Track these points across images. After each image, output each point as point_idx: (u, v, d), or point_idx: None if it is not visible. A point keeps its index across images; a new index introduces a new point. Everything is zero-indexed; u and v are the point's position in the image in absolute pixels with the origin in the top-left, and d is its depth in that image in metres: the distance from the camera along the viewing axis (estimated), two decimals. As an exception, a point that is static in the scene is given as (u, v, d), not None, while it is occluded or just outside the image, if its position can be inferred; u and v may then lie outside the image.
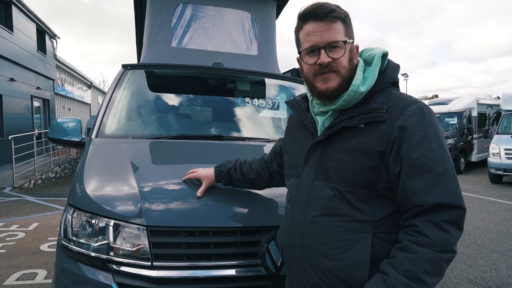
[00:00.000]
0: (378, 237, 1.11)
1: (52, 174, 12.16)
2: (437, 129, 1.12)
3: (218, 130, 2.66)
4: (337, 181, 1.15)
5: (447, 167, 1.07)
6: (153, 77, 2.95)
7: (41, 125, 17.45)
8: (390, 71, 1.22)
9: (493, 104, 15.91)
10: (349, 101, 1.16)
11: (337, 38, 1.14)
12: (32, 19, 16.56)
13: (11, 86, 14.26)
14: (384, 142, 1.10)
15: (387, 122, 1.10)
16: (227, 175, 1.64)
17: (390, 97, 1.16)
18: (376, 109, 1.13)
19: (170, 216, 1.55)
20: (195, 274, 1.45)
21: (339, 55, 1.14)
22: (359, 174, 1.12)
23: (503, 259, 4.56)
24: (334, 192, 1.15)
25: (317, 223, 1.17)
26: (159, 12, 3.14)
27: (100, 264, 1.49)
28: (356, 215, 1.12)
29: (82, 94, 25.48)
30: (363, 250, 1.10)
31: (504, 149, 10.49)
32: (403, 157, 1.08)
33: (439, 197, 1.04)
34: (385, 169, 1.11)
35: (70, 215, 1.61)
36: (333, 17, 1.14)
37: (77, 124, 2.57)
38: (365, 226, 1.12)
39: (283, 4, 3.76)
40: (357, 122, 1.14)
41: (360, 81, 1.16)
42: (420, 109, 1.11)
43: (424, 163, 1.06)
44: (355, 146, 1.13)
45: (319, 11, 1.14)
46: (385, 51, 1.22)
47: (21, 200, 8.27)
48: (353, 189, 1.13)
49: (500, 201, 8.24)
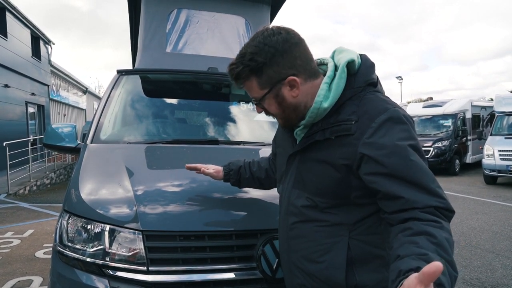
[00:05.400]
0: (355, 239, 1.12)
1: (47, 180, 12.09)
2: (410, 135, 1.05)
3: (213, 134, 2.67)
4: (311, 191, 1.17)
5: (423, 172, 1.01)
6: (147, 82, 2.96)
7: (36, 131, 17.36)
8: (362, 73, 1.14)
9: (487, 106, 16.04)
10: (314, 117, 1.14)
11: (253, 96, 1.18)
12: (26, 25, 16.51)
13: (5, 92, 14.19)
14: (350, 156, 1.07)
15: (355, 135, 1.07)
16: (237, 174, 1.63)
17: (361, 104, 1.10)
18: (345, 120, 1.09)
19: (165, 220, 1.55)
20: (191, 278, 1.45)
21: (264, 107, 1.19)
22: (329, 185, 1.13)
23: (498, 259, 4.58)
24: (309, 202, 1.17)
25: (297, 229, 1.21)
26: (153, 17, 3.15)
27: (96, 270, 1.48)
28: (331, 220, 1.15)
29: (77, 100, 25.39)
30: (339, 252, 1.13)
31: (498, 150, 10.56)
32: (375, 168, 1.03)
33: (427, 200, 0.97)
34: (355, 178, 1.09)
35: (66, 220, 1.61)
36: (241, 81, 1.16)
37: (72, 130, 2.57)
38: (341, 229, 1.14)
39: (277, 9, 3.80)
40: (328, 135, 1.12)
41: (323, 96, 1.12)
42: (389, 119, 1.05)
43: (400, 171, 1.00)
44: (324, 158, 1.13)
45: (231, 76, 1.18)
46: (351, 57, 1.14)
47: (16, 206, 8.21)
48: (325, 199, 1.14)
49: (495, 202, 8.29)
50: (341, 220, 1.14)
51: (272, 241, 1.51)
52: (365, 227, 1.13)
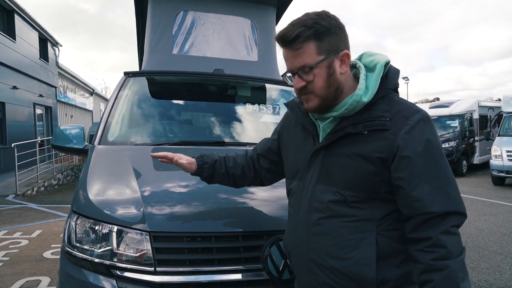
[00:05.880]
0: (382, 234, 1.14)
1: (55, 181, 12.19)
2: (438, 138, 1.16)
3: (219, 135, 2.68)
4: (340, 185, 1.16)
5: (449, 176, 1.11)
6: (154, 84, 2.98)
7: (43, 133, 17.51)
8: (391, 77, 1.21)
9: (494, 106, 15.89)
10: (351, 110, 1.16)
11: (306, 62, 1.13)
12: (34, 27, 16.68)
13: (13, 94, 14.34)
14: (387, 150, 1.11)
15: (390, 130, 1.12)
16: (211, 168, 1.51)
17: (392, 104, 1.17)
18: (380, 117, 1.14)
19: (172, 221, 1.56)
20: (198, 279, 1.46)
21: (311, 78, 1.14)
22: (362, 179, 1.14)
23: (507, 261, 4.54)
24: (337, 197, 1.16)
25: (321, 225, 1.18)
26: (160, 19, 3.17)
27: (104, 270, 1.50)
28: (359, 215, 1.14)
29: (84, 101, 25.57)
30: (368, 248, 1.12)
31: (506, 151, 10.46)
32: (407, 165, 1.09)
33: (445, 205, 1.08)
34: (387, 173, 1.13)
35: (74, 221, 1.63)
36: (299, 42, 1.12)
37: (80, 131, 2.60)
38: (368, 225, 1.14)
39: (283, 10, 3.80)
40: (361, 129, 1.14)
41: (363, 90, 1.16)
42: (424, 118, 1.13)
43: (428, 171, 1.09)
44: (358, 152, 1.14)
45: (285, 38, 1.13)
46: (388, 59, 1.22)
47: (24, 207, 8.29)
48: (356, 193, 1.14)
49: (503, 203, 8.21)
50: (368, 215, 1.14)
51: (278, 242, 1.52)
52: (389, 223, 1.15)
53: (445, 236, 1.06)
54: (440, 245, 1.06)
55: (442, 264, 1.05)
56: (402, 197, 1.12)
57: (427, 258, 1.07)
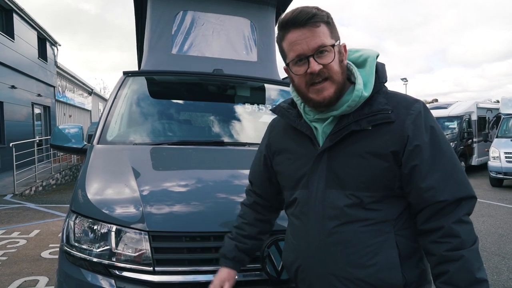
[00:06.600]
0: (399, 235, 1.11)
1: (53, 180, 12.17)
2: (438, 124, 1.15)
3: (218, 135, 2.68)
4: (353, 187, 1.11)
5: (455, 160, 1.10)
6: (153, 83, 2.98)
7: (41, 132, 17.48)
8: (381, 71, 1.19)
9: (493, 108, 15.92)
10: (353, 107, 1.12)
11: (325, 42, 1.08)
12: (33, 27, 16.65)
13: (12, 93, 14.31)
14: (398, 142, 1.09)
15: (396, 122, 1.10)
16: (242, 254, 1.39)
17: (389, 97, 1.15)
18: (381, 110, 1.10)
19: (171, 221, 1.56)
20: (197, 279, 1.46)
21: (330, 59, 1.08)
22: (377, 177, 1.10)
23: (504, 262, 4.55)
24: (352, 200, 1.10)
25: (338, 234, 1.11)
26: (159, 19, 3.17)
27: (102, 270, 1.50)
28: (376, 217, 1.10)
29: (83, 101, 25.53)
30: (391, 251, 1.09)
31: (504, 152, 10.49)
32: (418, 154, 1.08)
33: (456, 191, 1.06)
34: (398, 166, 1.10)
35: (73, 221, 1.63)
36: (316, 21, 1.07)
37: (79, 131, 2.60)
38: (386, 226, 1.10)
39: (282, 10, 3.80)
40: (365, 125, 1.10)
41: (362, 85, 1.13)
42: (423, 106, 1.13)
43: (437, 158, 1.08)
44: (367, 149, 1.10)
45: (300, 17, 1.07)
46: (377, 53, 1.20)
47: (22, 207, 8.27)
48: (372, 193, 1.10)
49: (501, 205, 8.23)
50: (385, 216, 1.11)
51: (277, 242, 1.52)
52: (403, 221, 1.13)
53: (458, 226, 1.04)
54: (454, 235, 1.04)
55: (457, 255, 1.03)
56: (414, 188, 1.09)
57: (440, 250, 1.05)
